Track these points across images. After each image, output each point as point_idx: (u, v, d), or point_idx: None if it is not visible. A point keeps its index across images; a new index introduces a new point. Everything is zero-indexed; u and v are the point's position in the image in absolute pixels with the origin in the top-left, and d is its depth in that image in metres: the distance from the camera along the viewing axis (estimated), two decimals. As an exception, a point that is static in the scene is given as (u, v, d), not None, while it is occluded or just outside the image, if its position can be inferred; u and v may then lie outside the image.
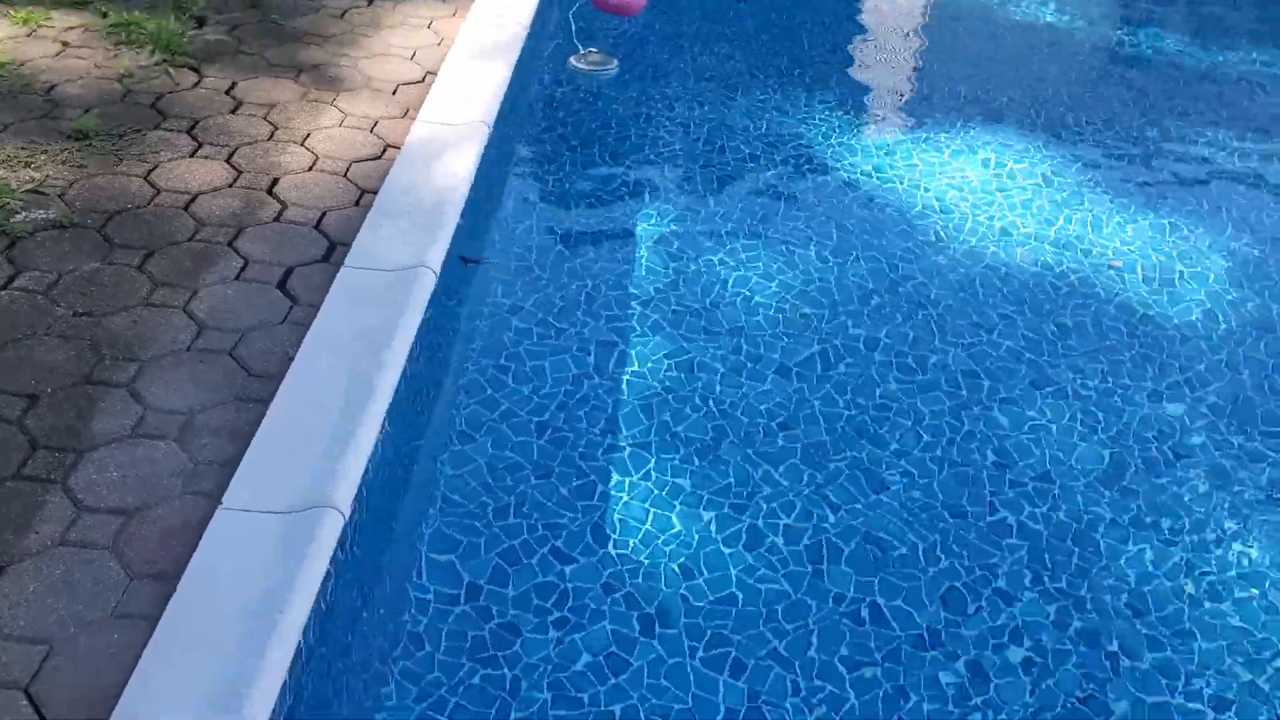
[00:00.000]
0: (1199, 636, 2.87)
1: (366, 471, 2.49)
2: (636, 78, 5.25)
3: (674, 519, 2.98)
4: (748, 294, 3.86)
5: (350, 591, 2.49)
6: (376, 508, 2.65)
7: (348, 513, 2.28)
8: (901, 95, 5.55)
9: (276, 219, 3.29)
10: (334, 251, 3.16)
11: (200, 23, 4.37)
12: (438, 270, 3.05)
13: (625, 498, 3.02)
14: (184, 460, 2.47)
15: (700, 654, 2.65)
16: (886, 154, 4.84)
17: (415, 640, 2.59)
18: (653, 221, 4.21)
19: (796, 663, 2.66)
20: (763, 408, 3.40)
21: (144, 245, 3.12)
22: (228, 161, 3.54)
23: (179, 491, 2.39)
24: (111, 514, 2.35)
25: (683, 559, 2.87)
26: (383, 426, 2.59)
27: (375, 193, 3.36)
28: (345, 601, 2.44)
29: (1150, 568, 3.04)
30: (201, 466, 2.46)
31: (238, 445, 2.48)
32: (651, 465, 3.12)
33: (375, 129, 3.83)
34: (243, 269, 3.06)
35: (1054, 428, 3.45)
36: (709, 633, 2.69)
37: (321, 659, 2.32)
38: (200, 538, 2.23)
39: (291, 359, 2.70)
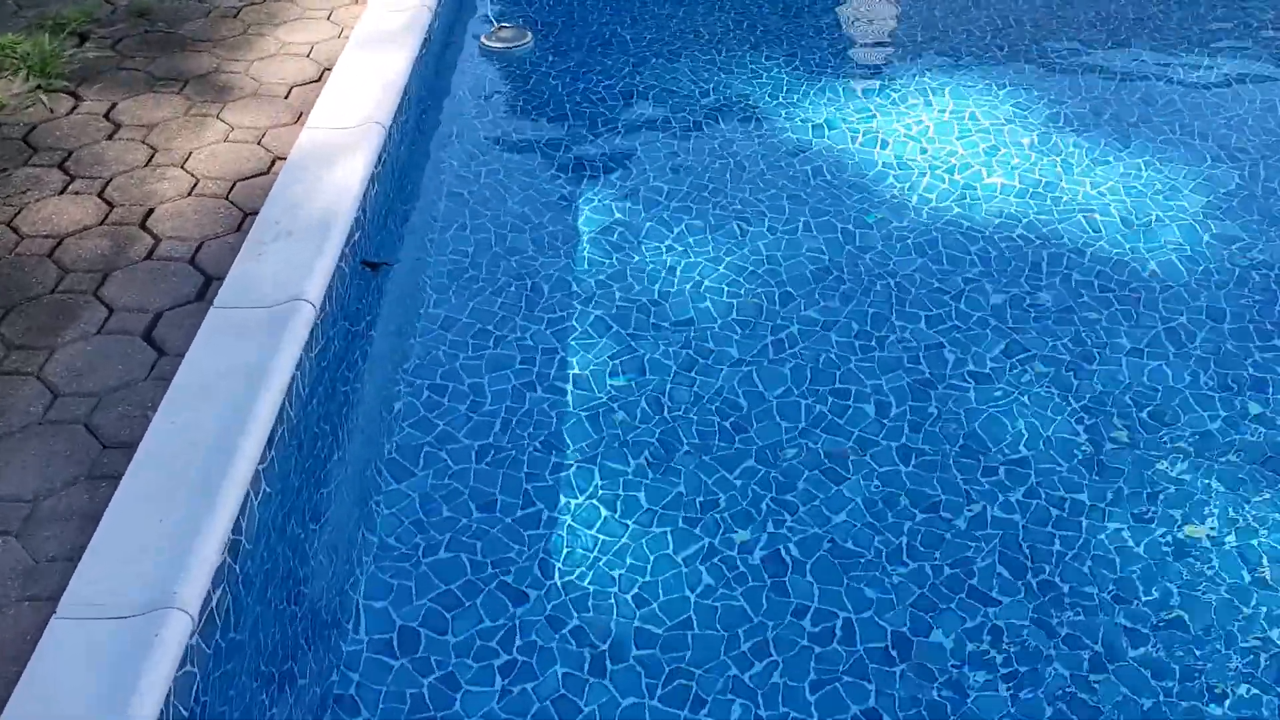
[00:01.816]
0: (1190, 624, 2.58)
1: (240, 545, 2.20)
2: (559, 50, 4.90)
3: (625, 540, 2.72)
4: (697, 279, 3.55)
5: (234, 685, 2.21)
6: (261, 579, 2.36)
7: (197, 613, 1.97)
8: (854, 42, 5.18)
9: (148, 256, 2.97)
10: (209, 288, 2.84)
11: (82, 39, 4.04)
12: (317, 301, 2.72)
13: (569, 520, 2.75)
14: (24, 558, 2.17)
15: (659, 690, 2.40)
16: (839, 110, 4.49)
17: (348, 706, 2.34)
18: (593, 207, 3.90)
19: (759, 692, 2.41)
20: (715, 407, 3.12)
21: (1, 303, 2.82)
22: (100, 196, 3.22)
23: (15, 597, 2.10)
24: (-61, 634, 2.06)
25: (636, 586, 2.61)
26: (259, 489, 2.29)
27: (259, 214, 3.05)
28: (225, 699, 2.16)
29: (1134, 549, 2.75)
30: (43, 565, 2.15)
31: (85, 534, 2.18)
32: (598, 480, 2.86)
33: (263, 140, 3.50)
34: (105, 320, 2.75)
35: (1027, 399, 3.15)
36: (667, 667, 2.45)
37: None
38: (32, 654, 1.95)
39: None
